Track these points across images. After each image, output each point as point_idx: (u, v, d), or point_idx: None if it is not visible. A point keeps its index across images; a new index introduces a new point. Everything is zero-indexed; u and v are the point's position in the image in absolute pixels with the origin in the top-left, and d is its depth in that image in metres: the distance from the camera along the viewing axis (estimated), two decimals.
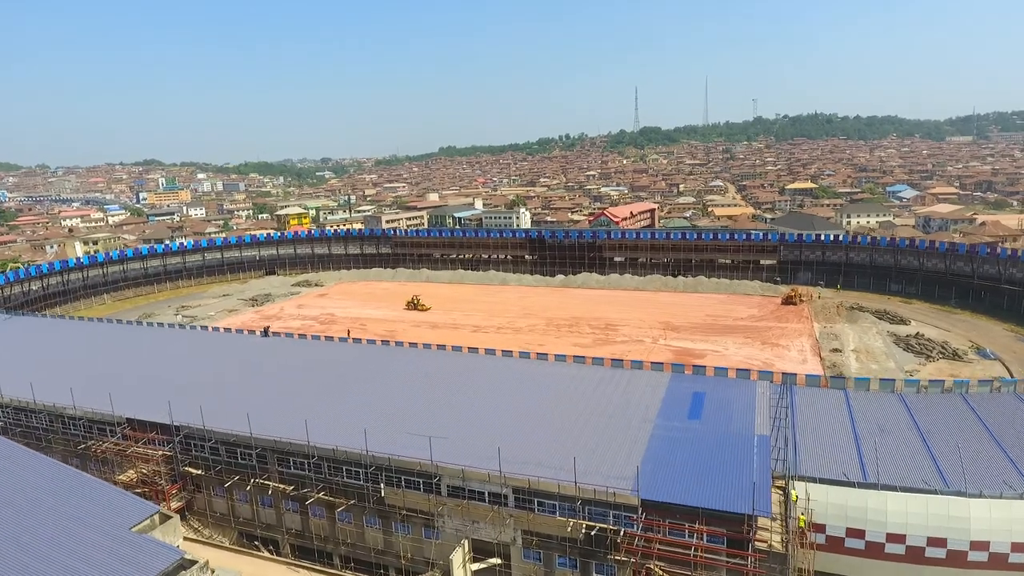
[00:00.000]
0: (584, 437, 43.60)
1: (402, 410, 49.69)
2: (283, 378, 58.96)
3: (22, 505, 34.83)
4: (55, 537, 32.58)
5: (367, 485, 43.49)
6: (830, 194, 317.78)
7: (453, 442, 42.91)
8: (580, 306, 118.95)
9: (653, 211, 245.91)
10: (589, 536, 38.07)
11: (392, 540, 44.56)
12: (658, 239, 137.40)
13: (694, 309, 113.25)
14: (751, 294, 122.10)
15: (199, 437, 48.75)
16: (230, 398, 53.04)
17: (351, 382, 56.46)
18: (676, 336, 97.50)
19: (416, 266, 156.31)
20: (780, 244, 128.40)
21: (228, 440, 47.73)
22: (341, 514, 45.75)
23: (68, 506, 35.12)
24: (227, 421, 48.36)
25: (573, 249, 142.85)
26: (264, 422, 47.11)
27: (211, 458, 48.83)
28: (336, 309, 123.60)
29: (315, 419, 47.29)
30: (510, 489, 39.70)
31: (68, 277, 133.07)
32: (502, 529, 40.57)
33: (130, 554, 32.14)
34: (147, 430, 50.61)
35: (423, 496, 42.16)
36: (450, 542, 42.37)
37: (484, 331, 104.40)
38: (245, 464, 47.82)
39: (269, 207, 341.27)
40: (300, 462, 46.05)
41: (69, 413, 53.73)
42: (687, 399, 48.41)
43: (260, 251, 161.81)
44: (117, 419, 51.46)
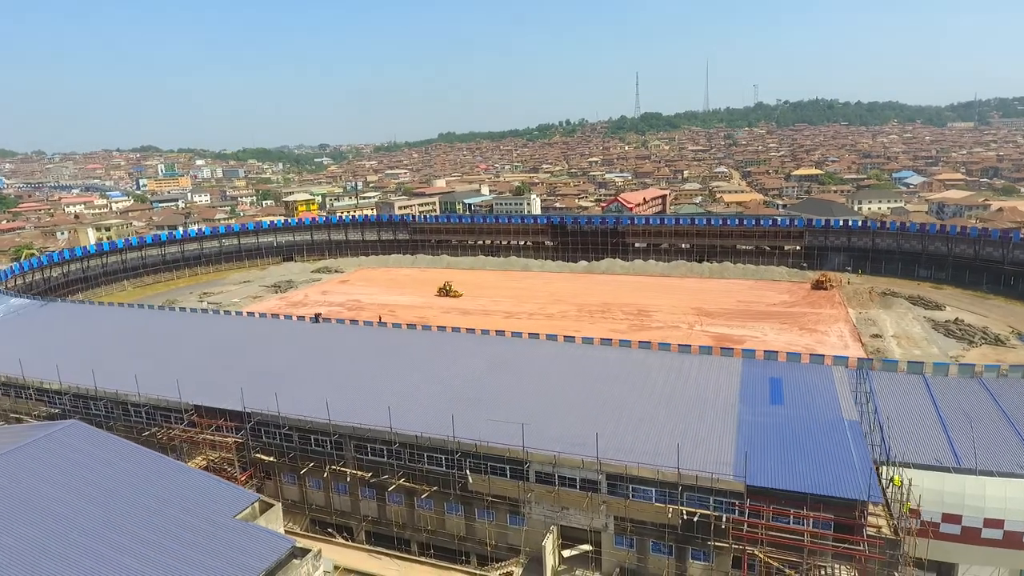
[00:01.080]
0: (670, 423, 43.16)
1: (480, 396, 49.06)
2: (348, 364, 58.19)
3: (125, 494, 34.18)
4: (164, 526, 31.96)
5: (453, 472, 43.00)
6: (836, 180, 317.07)
7: (539, 428, 42.41)
8: (608, 292, 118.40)
9: (664, 197, 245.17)
10: (688, 522, 37.71)
11: (475, 527, 44.21)
12: (682, 225, 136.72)
13: (724, 295, 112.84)
14: (778, 280, 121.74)
15: (272, 424, 48.14)
16: (299, 384, 52.34)
17: (420, 368, 55.70)
18: (711, 322, 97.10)
19: (435, 252, 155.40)
20: (806, 230, 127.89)
21: (303, 427, 47.14)
22: (421, 500, 45.31)
23: (170, 495, 34.50)
24: (300, 407, 47.79)
25: (595, 235, 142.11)
26: (339, 409, 46.50)
27: (284, 445, 48.24)
28: (361, 296, 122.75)
29: (391, 405, 46.69)
30: (603, 475, 39.25)
31: (88, 264, 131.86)
32: (594, 516, 40.19)
33: (241, 543, 31.61)
34: (215, 417, 49.95)
35: (511, 483, 41.74)
36: (537, 529, 42.05)
37: (516, 317, 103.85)
38: (320, 451, 47.29)
39: (273, 193, 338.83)
40: (379, 449, 45.54)
41: (133, 400, 53.01)
42: (764, 384, 48.01)
43: (277, 237, 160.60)
44: (184, 406, 50.78)
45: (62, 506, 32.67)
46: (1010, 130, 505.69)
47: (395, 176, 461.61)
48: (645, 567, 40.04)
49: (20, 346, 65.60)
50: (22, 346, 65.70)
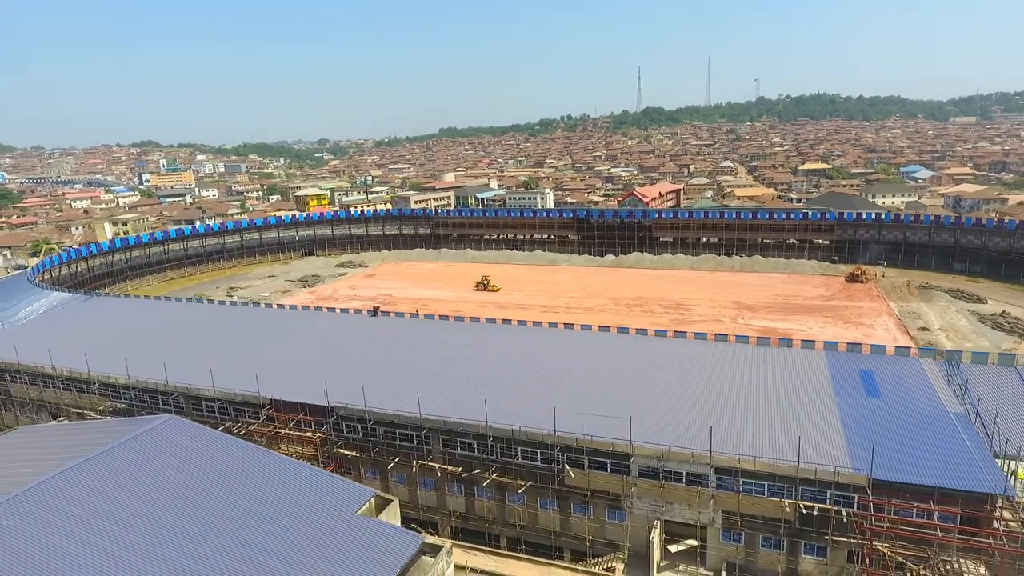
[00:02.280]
0: (771, 416, 42.53)
1: (574, 389, 48.20)
2: (424, 357, 57.25)
3: (244, 490, 33.35)
4: (293, 524, 31.16)
5: (552, 466, 42.29)
6: (844, 175, 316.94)
7: (640, 421, 41.66)
8: (641, 286, 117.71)
9: (678, 191, 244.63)
10: (803, 516, 37.10)
11: (570, 522, 43.51)
12: (711, 219, 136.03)
13: (758, 289, 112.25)
14: (810, 273, 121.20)
15: (357, 418, 47.32)
16: (379, 378, 51.49)
17: (505, 361, 54.92)
18: (753, 316, 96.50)
19: (458, 247, 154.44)
20: (836, 223, 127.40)
21: (391, 421, 46.33)
22: (512, 495, 44.61)
23: (288, 491, 33.71)
24: (383, 401, 47.01)
25: (622, 229, 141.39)
26: (427, 402, 45.71)
27: (369, 440, 47.44)
28: (391, 290, 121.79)
29: (479, 399, 45.99)
30: (712, 469, 38.60)
31: (112, 259, 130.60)
32: (700, 510, 39.55)
33: (373, 540, 30.86)
34: (295, 411, 49.14)
35: (613, 477, 41.05)
36: (638, 523, 41.41)
37: (553, 311, 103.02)
38: (408, 446, 46.52)
39: (279, 188, 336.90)
40: (469, 443, 44.78)
41: (207, 394, 52.11)
42: (855, 377, 47.42)
43: (298, 232, 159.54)
44: (261, 400, 49.95)
45: (185, 503, 31.87)
46: (1013, 124, 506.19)
47: (399, 171, 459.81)
48: (754, 562, 39.44)
49: (74, 340, 64.61)
50: (76, 340, 64.69)
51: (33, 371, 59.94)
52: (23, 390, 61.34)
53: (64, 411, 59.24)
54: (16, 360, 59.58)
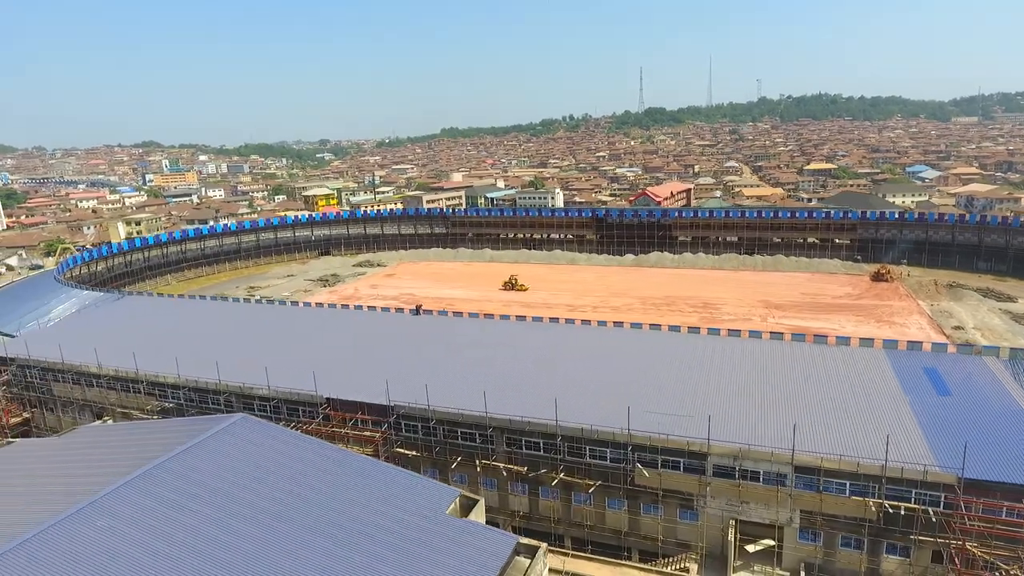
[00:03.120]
0: (847, 414, 42.05)
1: (639, 387, 47.64)
2: (478, 355, 56.60)
3: (330, 490, 32.78)
4: (386, 525, 30.57)
5: (624, 466, 41.77)
6: (850, 175, 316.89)
7: (713, 420, 41.15)
8: (664, 285, 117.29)
9: (689, 191, 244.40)
10: (887, 515, 36.63)
11: (639, 521, 43.00)
12: (732, 218, 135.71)
13: (784, 288, 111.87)
14: (834, 272, 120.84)
15: (419, 417, 46.75)
16: (435, 377, 50.79)
17: (561, 359, 54.30)
18: (783, 314, 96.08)
19: (474, 246, 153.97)
20: (859, 222, 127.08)
21: (454, 420, 45.77)
22: (578, 495, 44.10)
23: (374, 490, 33.14)
24: (443, 400, 46.43)
25: (641, 228, 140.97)
26: (488, 401, 45.15)
27: (432, 439, 46.87)
28: (414, 290, 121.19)
29: (546, 397, 45.51)
30: (791, 468, 38.10)
31: (131, 258, 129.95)
32: (778, 509, 39.06)
33: (469, 540, 30.31)
34: (353, 410, 48.55)
35: (687, 477, 40.54)
36: (711, 523, 40.92)
37: (580, 310, 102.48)
38: (471, 445, 45.96)
39: (286, 188, 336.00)
40: (535, 442, 44.24)
41: (261, 393, 51.50)
42: (920, 374, 46.99)
43: (313, 231, 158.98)
44: (318, 399, 49.37)
45: (273, 504, 31.28)
46: (1015, 124, 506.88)
47: (402, 171, 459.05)
48: (832, 562, 38.97)
49: (115, 339, 63.94)
50: (117, 339, 64.03)
51: (77, 370, 59.23)
52: (66, 389, 60.62)
53: (109, 411, 58.57)
54: (60, 359, 58.87)
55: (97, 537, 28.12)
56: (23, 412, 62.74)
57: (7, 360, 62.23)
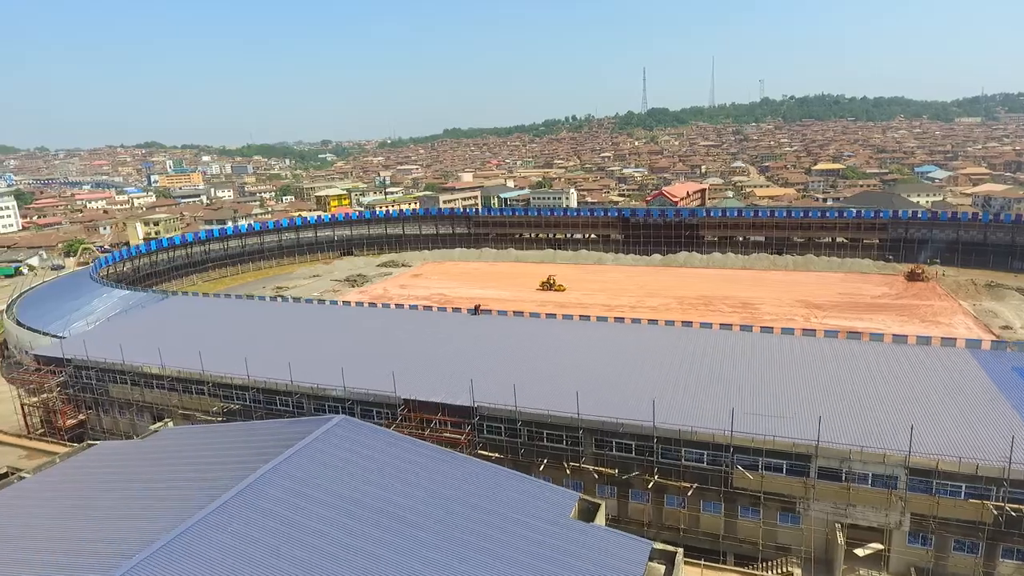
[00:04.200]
0: (952, 415, 41.24)
1: (734, 388, 46.72)
2: (552, 355, 55.48)
3: (449, 494, 31.85)
4: (515, 531, 29.63)
5: (722, 468, 40.91)
6: (859, 175, 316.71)
7: (810, 421, 40.33)
8: (697, 285, 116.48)
9: (703, 191, 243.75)
10: (1006, 518, 35.80)
11: (736, 525, 42.14)
12: (760, 217, 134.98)
13: (820, 287, 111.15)
14: (867, 272, 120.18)
15: (505, 419, 45.82)
16: (511, 377, 49.84)
17: (641, 360, 53.30)
18: (825, 314, 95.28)
19: (498, 246, 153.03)
20: (890, 221, 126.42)
21: (542, 422, 44.86)
22: (671, 497, 43.24)
23: (496, 497, 32.21)
24: (527, 401, 45.51)
25: (668, 228, 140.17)
26: (572, 401, 44.32)
27: (518, 441, 45.95)
28: (444, 290, 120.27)
29: (631, 398, 44.68)
30: (904, 470, 37.27)
31: (157, 258, 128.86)
32: (887, 513, 38.23)
33: (601, 546, 29.39)
34: (432, 411, 47.62)
35: (791, 480, 39.68)
36: (813, 527, 40.06)
37: (618, 310, 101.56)
38: (557, 447, 45.05)
39: (294, 189, 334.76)
40: (626, 444, 43.36)
41: (334, 395, 50.54)
42: (1011, 374, 46.27)
43: (335, 231, 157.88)
44: (396, 400, 48.42)
45: (395, 507, 30.32)
46: (1019, 125, 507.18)
47: (407, 172, 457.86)
48: (944, 566, 38.14)
49: (170, 340, 62.86)
50: (172, 340, 62.95)
51: (138, 371, 58.22)
52: (124, 391, 59.59)
53: (171, 413, 57.53)
54: (121, 360, 57.83)
55: (229, 543, 27.18)
56: (78, 414, 61.67)
57: (63, 361, 61.15)
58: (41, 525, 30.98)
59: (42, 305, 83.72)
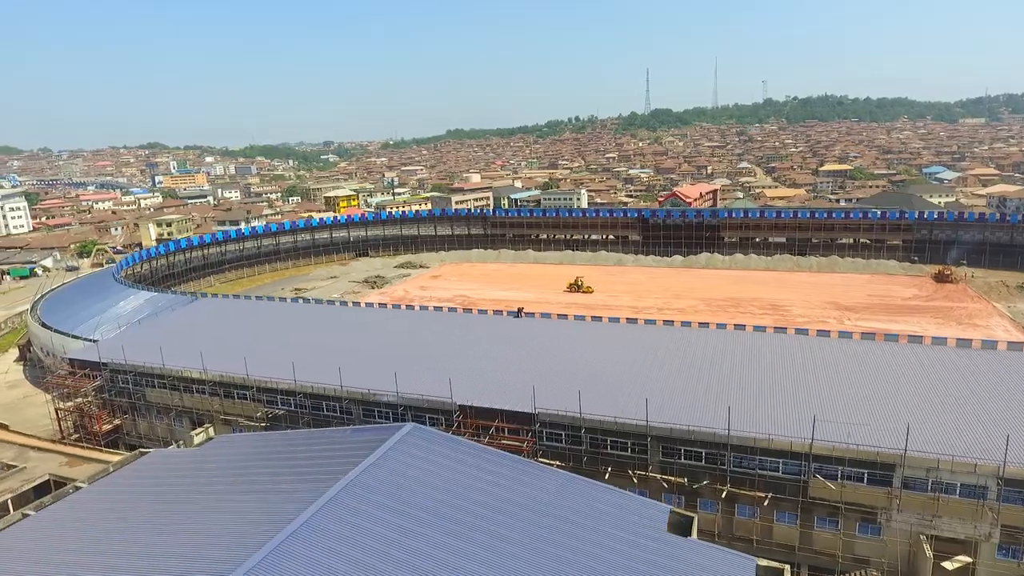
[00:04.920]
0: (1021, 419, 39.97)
1: (812, 394, 45.31)
2: (606, 360, 53.90)
3: (537, 507, 30.47)
4: (613, 546, 28.20)
5: (801, 477, 39.54)
6: (867, 175, 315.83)
7: (894, 429, 39.00)
8: (722, 287, 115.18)
9: (715, 192, 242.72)
10: None
11: (812, 536, 40.77)
12: (783, 218, 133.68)
13: (848, 289, 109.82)
14: (893, 274, 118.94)
15: (567, 426, 44.44)
16: (571, 382, 48.43)
17: (700, 364, 51.81)
18: (858, 317, 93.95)
19: (515, 247, 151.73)
20: (915, 223, 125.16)
21: (607, 429, 43.47)
22: (742, 507, 41.88)
23: (584, 508, 30.82)
24: (590, 407, 44.14)
25: (689, 229, 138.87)
26: (638, 408, 42.98)
27: (581, 449, 44.57)
28: (466, 291, 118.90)
29: (705, 405, 43.35)
30: (997, 481, 35.93)
31: (174, 259, 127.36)
32: (975, 524, 36.88)
33: (704, 563, 28.03)
34: (489, 418, 46.22)
35: (873, 489, 38.31)
36: (896, 538, 38.70)
37: (646, 312, 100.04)
38: (622, 455, 43.67)
39: (300, 190, 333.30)
40: (695, 452, 42.00)
41: (385, 400, 49.12)
42: None
43: (350, 232, 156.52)
44: (451, 406, 47.02)
45: (484, 520, 28.92)
46: (1023, 126, 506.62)
47: (412, 173, 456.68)
48: None
49: (204, 343, 61.37)
50: (206, 343, 61.47)
51: (177, 375, 56.79)
52: (163, 395, 58.14)
53: (211, 418, 56.08)
54: (160, 363, 56.40)
55: (320, 559, 25.76)
56: (113, 419, 60.24)
57: (100, 365, 59.68)
58: (114, 539, 29.57)
59: (67, 307, 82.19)
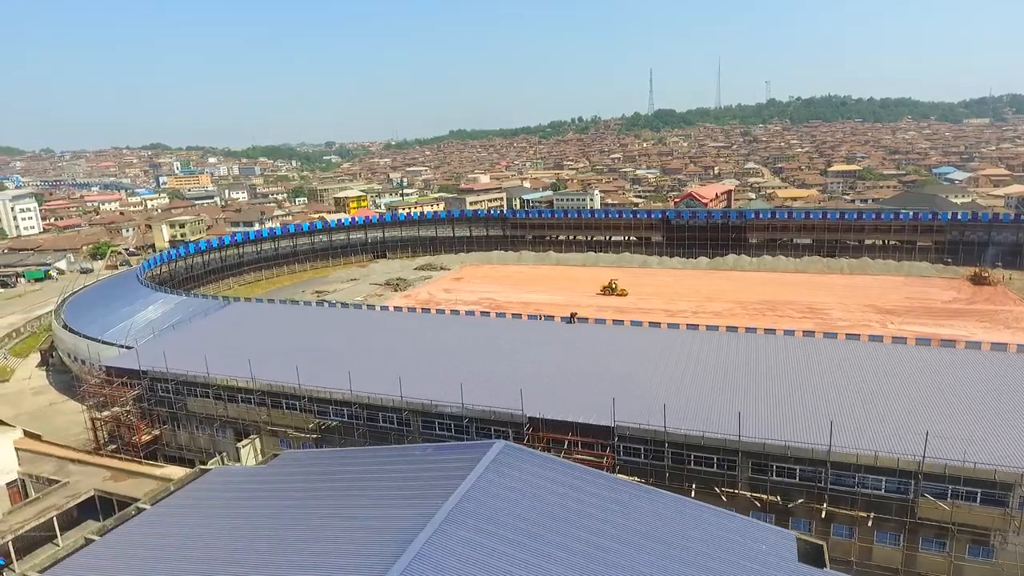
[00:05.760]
0: None
1: (891, 407, 43.01)
2: (679, 368, 51.44)
3: (655, 533, 28.03)
4: None
5: (910, 497, 37.17)
6: (876, 176, 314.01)
7: (1006, 446, 36.69)
8: (753, 289, 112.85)
9: (730, 192, 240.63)
10: None
11: (918, 558, 38.38)
12: (812, 219, 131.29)
13: (884, 292, 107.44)
14: (927, 276, 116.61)
15: (649, 440, 42.03)
16: (645, 392, 46.07)
17: (782, 374, 49.30)
18: (901, 320, 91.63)
19: (536, 248, 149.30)
20: (948, 224, 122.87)
21: (694, 444, 41.05)
22: (838, 527, 39.51)
23: (708, 536, 28.41)
24: (671, 420, 41.77)
25: (714, 230, 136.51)
26: (725, 422, 40.61)
27: (664, 464, 42.16)
28: (491, 294, 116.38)
29: (790, 417, 40.97)
30: None
31: (192, 261, 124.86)
32: None
33: None
34: (562, 431, 43.80)
35: (987, 510, 35.96)
36: (1011, 561, 36.34)
37: (681, 315, 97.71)
38: (708, 471, 41.27)
39: (307, 191, 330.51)
40: (789, 469, 39.62)
41: (448, 411, 46.64)
42: None
43: (368, 233, 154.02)
44: (521, 419, 44.58)
45: (600, 550, 26.45)
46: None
47: (416, 173, 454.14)
48: None
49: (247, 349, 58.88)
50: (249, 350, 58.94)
51: (220, 384, 54.31)
52: (206, 405, 55.62)
53: (257, 429, 53.63)
54: (204, 372, 53.89)
55: None
56: (152, 429, 57.74)
57: (140, 373, 57.14)
58: (197, 569, 27.10)
59: (93, 311, 79.60)
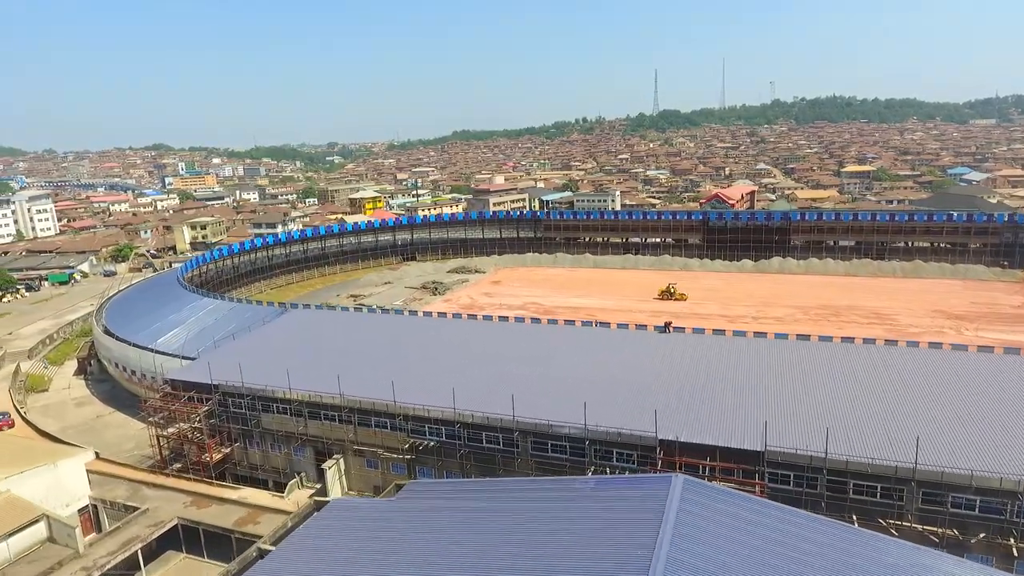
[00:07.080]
0: None
1: None
2: (824, 385, 47.38)
3: None
4: None
5: (1007, 517, 33.49)
6: (891, 177, 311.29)
7: None
8: (808, 293, 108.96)
9: (753, 193, 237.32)
10: None
11: None
12: (861, 220, 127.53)
13: (946, 296, 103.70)
14: (985, 279, 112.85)
15: (802, 467, 38.04)
16: (792, 413, 42.09)
17: (951, 393, 45.43)
18: (977, 327, 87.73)
19: (570, 250, 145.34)
20: (1004, 226, 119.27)
21: (857, 472, 37.09)
22: (1022, 564, 35.57)
23: None
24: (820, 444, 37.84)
25: (757, 232, 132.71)
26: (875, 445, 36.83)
27: (819, 493, 38.23)
28: (536, 299, 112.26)
29: (964, 442, 37.12)
30: None
31: (222, 264, 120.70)
32: None
33: None
34: (699, 455, 39.83)
35: None
36: None
37: (741, 321, 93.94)
38: (870, 500, 37.33)
39: (317, 191, 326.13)
40: (968, 500, 35.69)
41: (567, 432, 42.57)
42: None
43: (396, 235, 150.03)
44: (650, 441, 40.58)
45: None
46: None
47: (423, 174, 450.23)
48: None
49: (316, 362, 54.87)
50: (317, 362, 54.93)
51: (302, 400, 50.23)
52: (283, 422, 51.52)
53: (341, 448, 49.54)
54: (286, 387, 49.78)
55: None
56: (222, 447, 53.66)
57: (211, 388, 53.00)
58: None
59: (136, 317, 75.36)
